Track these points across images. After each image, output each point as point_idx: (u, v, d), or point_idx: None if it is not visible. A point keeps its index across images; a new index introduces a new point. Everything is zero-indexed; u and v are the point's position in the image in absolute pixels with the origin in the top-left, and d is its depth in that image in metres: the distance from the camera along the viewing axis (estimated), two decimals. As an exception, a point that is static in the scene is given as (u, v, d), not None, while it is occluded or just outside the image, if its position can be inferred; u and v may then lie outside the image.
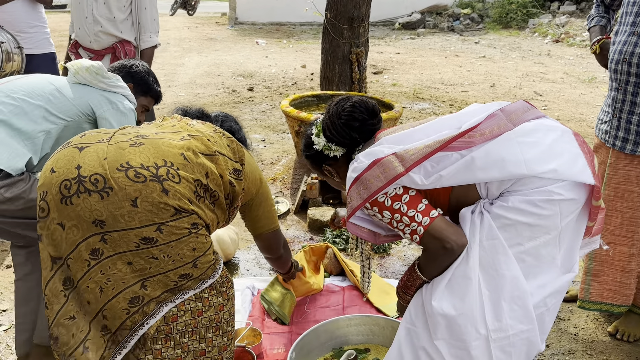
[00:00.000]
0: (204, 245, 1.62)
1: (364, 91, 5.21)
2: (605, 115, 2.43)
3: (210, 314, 1.67)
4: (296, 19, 14.62)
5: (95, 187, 1.51)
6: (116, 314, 1.54)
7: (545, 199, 1.49)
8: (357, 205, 1.60)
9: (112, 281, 1.53)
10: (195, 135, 1.72)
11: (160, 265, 1.55)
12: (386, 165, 1.54)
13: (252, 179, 1.88)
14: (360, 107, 1.75)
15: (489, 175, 1.52)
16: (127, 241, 1.52)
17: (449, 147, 1.52)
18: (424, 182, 1.53)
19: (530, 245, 1.54)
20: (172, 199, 1.54)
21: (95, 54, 3.34)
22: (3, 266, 3.11)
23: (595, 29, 2.57)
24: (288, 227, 3.59)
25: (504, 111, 1.59)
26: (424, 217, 1.53)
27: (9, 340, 2.49)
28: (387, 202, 1.55)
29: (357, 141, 1.75)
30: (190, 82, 8.05)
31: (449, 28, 13.60)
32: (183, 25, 14.82)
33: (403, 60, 9.76)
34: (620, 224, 2.42)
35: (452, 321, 1.54)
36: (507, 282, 1.52)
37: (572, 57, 9.88)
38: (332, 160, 1.82)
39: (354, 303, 2.72)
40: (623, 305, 2.51)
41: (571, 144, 1.59)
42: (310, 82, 8.00)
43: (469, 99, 7.03)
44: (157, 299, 1.57)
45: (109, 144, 1.61)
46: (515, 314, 1.53)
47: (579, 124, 5.93)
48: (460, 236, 1.54)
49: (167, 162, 1.59)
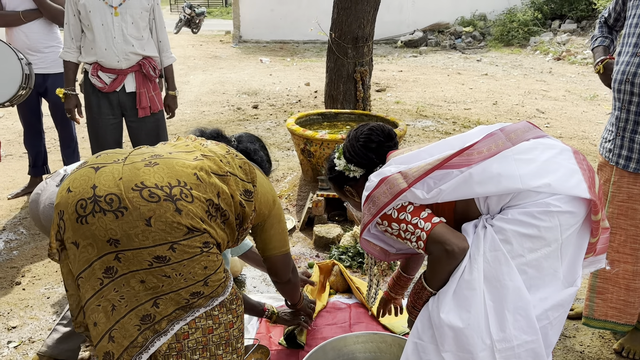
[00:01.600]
0: (215, 264, 1.65)
1: (368, 109, 5.26)
2: (609, 134, 2.46)
3: (220, 332, 1.70)
4: (299, 37, 14.79)
5: (110, 207, 1.54)
6: (127, 331, 1.57)
7: (543, 211, 1.56)
8: (367, 220, 1.71)
9: (126, 299, 1.57)
10: (208, 156, 1.75)
11: (172, 284, 1.58)
12: (392, 182, 1.66)
13: (264, 200, 1.89)
14: (377, 131, 1.92)
15: (486, 189, 1.60)
16: (140, 260, 1.55)
17: (449, 165, 1.61)
18: (425, 196, 1.63)
19: (531, 257, 1.58)
20: (185, 218, 1.57)
21: (119, 74, 3.36)
22: (13, 283, 3.14)
23: (599, 49, 2.61)
24: (294, 244, 3.62)
25: (504, 131, 1.69)
26: (426, 223, 1.63)
27: (19, 357, 2.51)
28: (394, 214, 1.67)
29: (375, 162, 1.89)
30: (196, 100, 8.13)
31: (451, 46, 13.73)
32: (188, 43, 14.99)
33: (406, 78, 9.84)
34: (624, 242, 2.44)
35: (460, 333, 1.57)
36: (510, 292, 1.56)
37: (573, 75, 9.95)
38: (353, 182, 1.96)
39: (361, 320, 2.73)
40: (627, 325, 2.52)
41: (569, 161, 1.65)
42: (314, 99, 8.07)
43: (472, 116, 7.09)
44: (168, 316, 1.60)
45: (124, 164, 1.64)
46: (519, 324, 1.56)
47: (581, 142, 5.97)
48: (462, 240, 1.62)
49: (181, 182, 1.62)
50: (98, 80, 3.36)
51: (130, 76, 3.38)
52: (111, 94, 3.40)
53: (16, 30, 3.94)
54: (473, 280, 1.58)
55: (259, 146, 2.14)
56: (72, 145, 4.30)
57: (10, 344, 2.61)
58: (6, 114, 6.94)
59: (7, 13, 3.88)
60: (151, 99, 3.46)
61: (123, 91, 3.41)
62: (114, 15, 3.25)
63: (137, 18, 3.32)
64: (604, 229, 1.73)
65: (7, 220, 3.95)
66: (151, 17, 3.41)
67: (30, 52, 3.96)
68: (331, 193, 3.88)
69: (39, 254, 3.48)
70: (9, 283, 3.15)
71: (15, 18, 3.88)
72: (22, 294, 3.03)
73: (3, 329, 2.72)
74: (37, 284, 3.13)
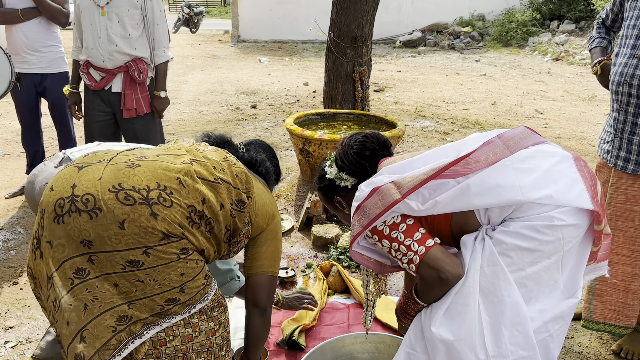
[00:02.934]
0: (193, 271, 1.59)
1: (367, 109, 5.26)
2: (607, 135, 2.46)
3: (201, 339, 1.65)
4: (298, 37, 14.78)
5: (85, 207, 1.51)
6: (100, 332, 1.51)
7: (547, 225, 1.50)
8: (357, 232, 1.63)
9: (100, 299, 1.51)
10: (199, 161, 1.69)
11: (146, 289, 1.53)
12: (384, 193, 1.58)
13: (262, 212, 1.83)
14: (371, 138, 1.84)
15: (485, 201, 1.53)
16: (113, 263, 1.50)
17: (445, 175, 1.54)
18: (420, 208, 1.55)
19: (531, 270, 1.54)
20: (161, 223, 1.53)
21: (107, 73, 3.38)
22: (10, 283, 3.13)
23: (597, 50, 2.61)
24: (292, 244, 3.61)
25: (501, 138, 1.61)
26: (419, 246, 1.55)
27: (16, 357, 2.50)
28: (386, 230, 1.59)
29: (368, 170, 1.79)
30: (194, 100, 8.12)
31: (449, 46, 13.74)
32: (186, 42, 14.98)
33: (404, 78, 9.84)
34: (623, 243, 2.44)
35: (451, 347, 1.54)
36: (508, 308, 1.52)
37: (572, 75, 9.97)
38: (343, 192, 1.87)
39: (359, 321, 2.73)
40: (626, 327, 2.51)
41: (570, 169, 1.59)
42: (312, 99, 8.07)
43: (470, 116, 7.09)
44: (144, 320, 1.55)
45: (108, 164, 1.61)
46: (515, 340, 1.52)
47: (579, 142, 5.98)
48: (457, 267, 1.55)
49: (160, 186, 1.57)
50: (87, 77, 3.39)
51: (119, 76, 3.39)
52: (101, 92, 3.43)
53: (15, 29, 3.93)
54: (468, 296, 1.53)
55: (267, 156, 2.05)
56: (71, 145, 4.29)
57: (7, 344, 2.60)
58: (4, 112, 6.92)
59: (6, 10, 3.87)
60: (137, 100, 3.44)
61: (111, 90, 3.42)
62: (101, 14, 3.27)
63: (124, 16, 3.30)
64: (606, 235, 1.68)
65: (4, 220, 3.94)
66: (142, 14, 3.37)
67: (29, 52, 3.96)
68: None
69: (37, 254, 3.47)
70: (7, 283, 3.14)
71: (14, 16, 3.87)
72: (20, 294, 3.02)
73: (0, 329, 2.71)
74: (35, 283, 3.13)
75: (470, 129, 6.47)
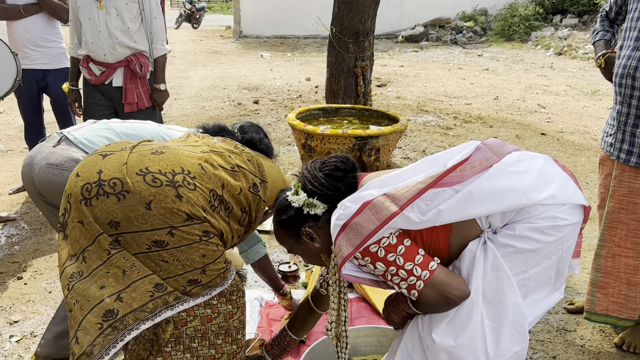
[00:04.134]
0: (214, 254, 1.67)
1: (369, 104, 5.26)
2: (610, 128, 2.46)
3: (219, 321, 1.72)
4: (300, 32, 14.76)
5: (113, 190, 1.58)
6: (139, 295, 1.56)
7: (552, 225, 1.50)
8: (348, 253, 1.48)
9: (137, 266, 1.58)
10: (216, 151, 1.81)
11: (169, 269, 1.60)
12: (378, 206, 1.46)
13: (275, 187, 1.94)
14: (341, 159, 1.70)
15: (489, 208, 1.48)
16: (139, 243, 1.57)
17: (442, 183, 1.48)
18: (421, 219, 1.45)
19: (534, 271, 1.54)
20: (185, 204, 1.60)
21: (108, 67, 3.38)
22: (14, 278, 3.15)
23: (600, 43, 2.61)
24: (295, 239, 3.62)
25: (486, 145, 1.59)
26: (423, 271, 1.46)
27: (21, 351, 2.52)
28: (381, 252, 1.47)
29: (342, 193, 1.62)
30: (197, 95, 8.12)
31: (452, 41, 13.70)
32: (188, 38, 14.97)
33: (407, 73, 9.83)
34: (626, 236, 2.45)
35: (453, 354, 1.52)
36: (510, 311, 1.51)
37: (575, 70, 9.94)
38: (312, 221, 1.66)
39: (362, 315, 2.74)
40: (628, 319, 2.52)
41: (557, 169, 1.62)
42: (314, 94, 8.06)
43: (473, 111, 7.08)
44: (175, 294, 1.62)
45: (132, 151, 1.69)
46: (513, 338, 1.53)
47: (582, 137, 5.96)
48: (463, 287, 1.50)
49: (185, 170, 1.66)
50: (87, 72, 3.40)
51: (120, 71, 3.39)
52: (101, 86, 3.43)
53: (16, 25, 3.94)
54: (472, 304, 1.50)
55: (263, 135, 2.17)
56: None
57: (12, 338, 2.62)
58: (7, 109, 6.93)
59: (7, 6, 3.88)
60: (138, 94, 3.45)
61: (111, 85, 3.43)
62: (99, 9, 3.27)
63: (122, 10, 3.31)
64: None
65: (8, 215, 3.95)
66: (140, 7, 3.37)
67: (31, 47, 3.96)
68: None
69: (41, 249, 3.48)
70: (11, 278, 3.15)
71: (16, 11, 3.88)
72: (24, 289, 3.04)
73: (5, 324, 2.73)
74: (39, 278, 3.14)
75: (473, 124, 6.47)
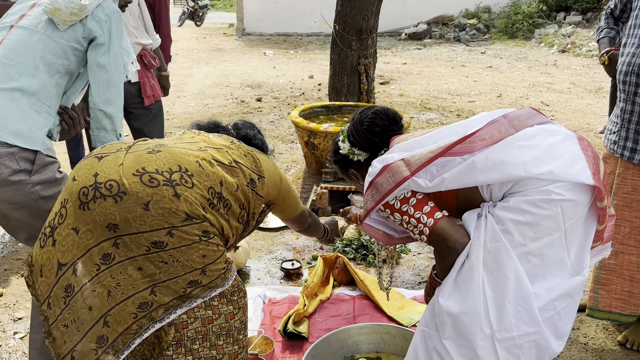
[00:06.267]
0: (214, 254, 1.65)
1: (372, 102, 5.25)
2: (614, 126, 2.45)
3: (220, 322, 1.69)
4: (303, 30, 14.74)
5: (110, 192, 1.56)
6: (122, 318, 1.57)
7: (545, 199, 1.54)
8: (370, 207, 1.72)
9: (122, 286, 1.56)
10: (214, 147, 1.78)
11: (169, 270, 1.58)
12: (394, 170, 1.65)
13: (271, 183, 1.93)
14: (381, 115, 1.92)
15: (489, 177, 1.59)
16: (138, 245, 1.55)
17: (452, 153, 1.60)
18: (427, 185, 1.62)
19: (534, 246, 1.57)
20: (184, 203, 1.58)
21: None
22: (18, 275, 3.16)
23: (604, 40, 2.60)
24: (298, 237, 3.62)
25: (507, 117, 1.67)
26: (428, 219, 1.64)
27: (24, 347, 2.53)
28: (397, 204, 1.67)
29: (379, 146, 1.89)
30: (200, 93, 8.13)
31: (455, 38, 13.68)
32: (191, 36, 14.97)
33: (410, 71, 9.82)
34: (629, 233, 2.44)
35: (457, 319, 1.58)
36: (511, 283, 1.56)
37: (578, 67, 9.91)
38: (357, 165, 1.96)
39: (365, 312, 2.74)
40: (632, 315, 2.52)
41: (573, 147, 1.63)
42: (317, 92, 8.06)
43: (476, 109, 7.07)
44: (165, 305, 1.60)
45: (128, 152, 1.67)
46: (519, 315, 1.56)
47: (586, 134, 5.95)
48: (463, 236, 1.63)
49: (182, 168, 1.64)
50: None
51: None
52: None
53: None
54: (472, 269, 1.58)
55: (257, 131, 2.17)
56: (77, 137, 4.31)
57: (16, 335, 2.63)
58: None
59: (9, 4, 3.88)
60: (152, 87, 3.52)
61: (127, 81, 3.43)
62: None
63: (133, 8, 3.35)
64: (610, 216, 1.71)
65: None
66: (137, 3, 3.41)
67: None
68: (335, 185, 3.88)
69: (44, 246, 3.49)
70: (15, 275, 3.16)
71: None
72: (28, 286, 3.05)
73: (9, 320, 2.74)
74: (43, 275, 3.15)
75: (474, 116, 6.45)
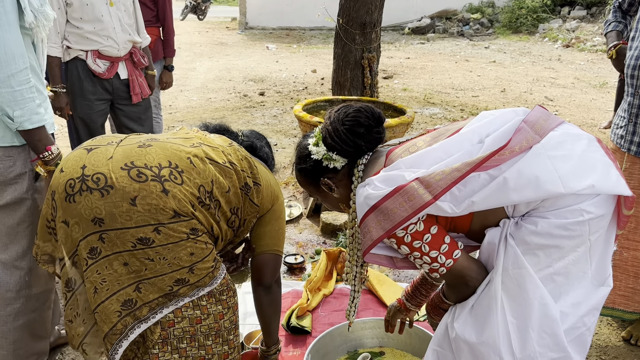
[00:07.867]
0: (202, 252, 1.61)
1: (376, 96, 5.23)
2: (621, 120, 2.43)
3: (209, 322, 1.66)
4: (306, 24, 14.70)
5: (96, 185, 1.53)
6: (107, 317, 1.54)
7: (576, 222, 1.40)
8: (378, 237, 1.44)
9: (107, 282, 1.54)
10: (208, 145, 1.73)
11: (155, 268, 1.55)
12: (411, 193, 1.39)
13: (267, 194, 1.85)
14: (366, 112, 1.61)
15: (523, 196, 1.40)
16: (124, 240, 1.52)
17: (480, 168, 1.40)
18: (454, 211, 1.40)
19: (559, 265, 1.45)
20: (172, 200, 1.55)
21: (114, 61, 3.36)
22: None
23: (612, 34, 2.58)
24: (301, 231, 3.62)
25: (527, 122, 1.48)
26: (447, 260, 1.46)
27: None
28: (407, 238, 1.44)
29: (362, 150, 1.61)
30: (202, 87, 8.11)
31: (458, 33, 13.62)
32: (194, 30, 14.94)
33: (413, 65, 9.78)
34: (635, 229, 2.43)
35: (475, 348, 1.49)
36: (535, 310, 1.44)
37: (582, 62, 9.86)
38: (332, 173, 1.65)
39: (368, 307, 2.73)
40: (635, 312, 2.51)
41: (599, 152, 1.48)
42: (320, 86, 8.04)
43: (480, 104, 7.04)
44: (150, 303, 1.57)
45: (119, 145, 1.64)
46: (544, 342, 1.45)
47: (590, 130, 5.92)
48: (481, 272, 1.51)
49: (172, 164, 1.60)
50: (98, 67, 3.35)
51: (122, 64, 3.39)
52: (105, 80, 3.41)
53: None
54: (491, 299, 1.46)
55: (264, 143, 2.08)
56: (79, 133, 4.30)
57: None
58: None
59: None
60: (141, 85, 3.50)
61: (117, 78, 3.42)
62: (110, 5, 3.25)
63: (128, 5, 3.34)
64: None
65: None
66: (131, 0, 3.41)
67: None
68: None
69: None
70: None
71: None
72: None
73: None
74: (46, 269, 3.15)
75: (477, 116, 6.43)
